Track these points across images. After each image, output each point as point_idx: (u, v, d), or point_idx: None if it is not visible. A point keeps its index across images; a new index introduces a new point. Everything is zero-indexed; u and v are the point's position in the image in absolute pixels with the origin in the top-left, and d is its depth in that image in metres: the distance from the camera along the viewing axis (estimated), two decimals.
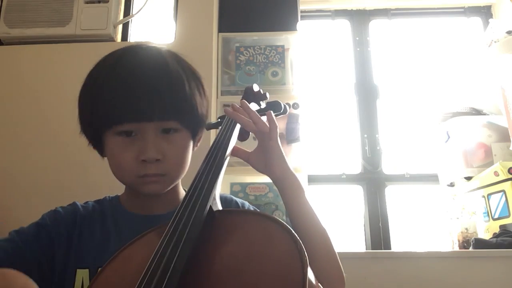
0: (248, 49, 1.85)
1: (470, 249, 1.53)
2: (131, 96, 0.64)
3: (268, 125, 0.73)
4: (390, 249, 1.84)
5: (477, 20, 2.24)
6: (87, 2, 1.80)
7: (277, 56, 1.83)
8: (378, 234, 1.87)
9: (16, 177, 1.60)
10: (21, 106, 1.69)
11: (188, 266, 0.47)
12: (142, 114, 0.65)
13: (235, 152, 0.76)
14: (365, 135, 2.05)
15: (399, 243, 1.88)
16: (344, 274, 0.69)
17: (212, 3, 1.85)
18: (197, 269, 0.49)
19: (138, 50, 0.71)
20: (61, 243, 0.70)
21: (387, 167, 2.00)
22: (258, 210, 0.82)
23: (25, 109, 1.68)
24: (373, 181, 1.97)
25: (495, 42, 1.81)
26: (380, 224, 1.89)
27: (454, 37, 2.25)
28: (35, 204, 1.53)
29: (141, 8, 1.85)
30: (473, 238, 1.57)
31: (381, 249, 1.83)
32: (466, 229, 1.76)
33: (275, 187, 0.74)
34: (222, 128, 0.76)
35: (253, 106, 0.80)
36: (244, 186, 1.63)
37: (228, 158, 0.70)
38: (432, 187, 1.97)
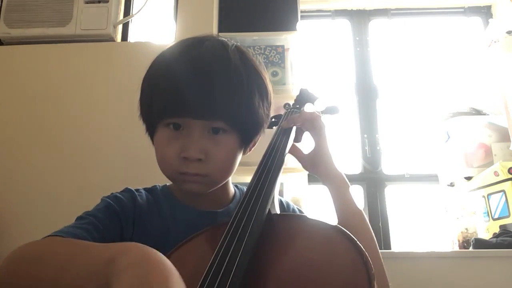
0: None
1: (470, 249, 1.53)
2: (183, 92, 0.62)
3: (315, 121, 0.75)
4: (390, 249, 1.84)
5: (477, 20, 2.24)
6: (87, 2, 1.80)
7: (277, 56, 1.82)
8: (378, 234, 1.87)
9: (14, 177, 1.60)
10: (21, 106, 1.69)
11: (249, 267, 0.46)
12: (190, 110, 0.63)
13: (293, 150, 0.76)
14: (365, 135, 2.05)
15: (399, 243, 1.88)
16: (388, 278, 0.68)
17: (212, 3, 1.85)
18: (257, 271, 0.47)
19: (203, 44, 0.68)
20: (128, 228, 0.68)
21: (387, 167, 2.00)
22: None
23: (25, 109, 1.68)
24: (373, 181, 1.97)
25: (495, 42, 1.81)
26: (380, 224, 1.89)
27: (454, 37, 2.25)
28: (33, 204, 1.53)
29: (141, 8, 1.85)
30: (473, 238, 1.57)
31: (381, 249, 1.82)
32: (466, 229, 1.76)
33: None
34: (279, 129, 0.74)
35: (309, 107, 0.79)
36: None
37: (285, 158, 0.69)
38: (432, 187, 1.97)
